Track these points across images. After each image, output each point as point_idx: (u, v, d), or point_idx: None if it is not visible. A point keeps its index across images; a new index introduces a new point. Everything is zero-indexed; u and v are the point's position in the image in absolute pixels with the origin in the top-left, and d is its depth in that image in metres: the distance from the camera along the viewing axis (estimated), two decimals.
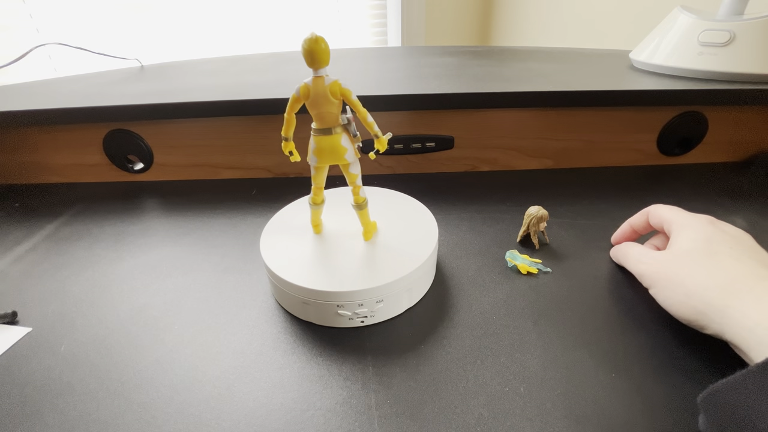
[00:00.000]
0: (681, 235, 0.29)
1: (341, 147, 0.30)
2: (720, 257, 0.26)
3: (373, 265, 0.31)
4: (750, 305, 0.23)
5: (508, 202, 0.47)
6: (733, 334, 0.23)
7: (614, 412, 0.24)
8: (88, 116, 0.50)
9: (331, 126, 0.29)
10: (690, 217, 0.30)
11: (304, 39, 0.26)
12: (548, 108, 0.52)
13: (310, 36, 0.26)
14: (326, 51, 0.26)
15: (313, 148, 0.30)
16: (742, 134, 0.54)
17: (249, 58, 0.77)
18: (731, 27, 0.48)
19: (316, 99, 0.28)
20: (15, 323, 0.32)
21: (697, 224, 0.29)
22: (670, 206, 0.33)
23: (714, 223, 0.29)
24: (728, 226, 0.29)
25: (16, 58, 0.61)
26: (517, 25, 1.52)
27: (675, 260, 0.28)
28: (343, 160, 0.30)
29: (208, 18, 1.45)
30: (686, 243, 0.28)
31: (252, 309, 0.33)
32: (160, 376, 0.27)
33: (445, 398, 0.25)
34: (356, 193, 0.32)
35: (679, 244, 0.28)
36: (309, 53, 0.26)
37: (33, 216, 0.48)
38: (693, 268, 0.26)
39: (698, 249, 0.27)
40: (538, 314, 0.32)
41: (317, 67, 0.27)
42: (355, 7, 1.63)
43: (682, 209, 0.32)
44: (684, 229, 0.29)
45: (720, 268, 0.26)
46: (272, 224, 0.36)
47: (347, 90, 0.28)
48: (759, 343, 0.21)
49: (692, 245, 0.28)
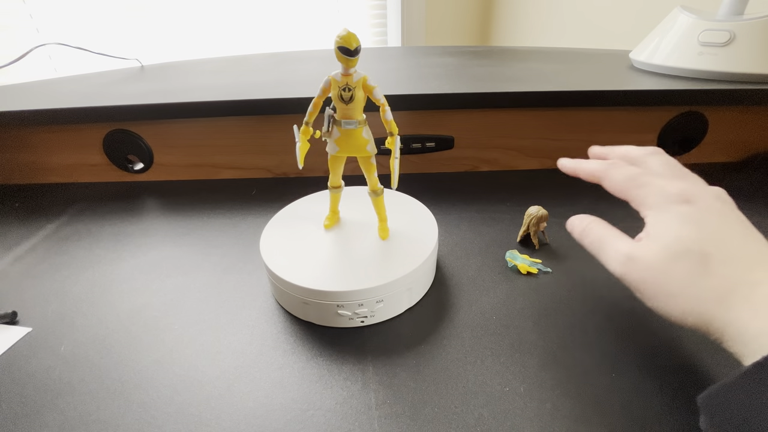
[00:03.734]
0: (660, 225, 0.25)
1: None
2: (711, 261, 0.23)
3: (373, 265, 0.31)
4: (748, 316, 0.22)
5: (508, 202, 0.47)
6: (732, 346, 0.22)
7: (614, 412, 0.24)
8: (88, 116, 0.50)
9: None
10: (660, 196, 0.26)
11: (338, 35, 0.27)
12: (548, 108, 0.52)
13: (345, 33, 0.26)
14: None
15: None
16: (742, 134, 0.54)
17: (249, 59, 0.77)
18: (731, 27, 0.48)
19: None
20: (15, 323, 0.32)
21: (674, 208, 0.25)
22: (623, 173, 0.28)
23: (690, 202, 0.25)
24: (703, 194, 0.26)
25: (16, 58, 0.61)
26: (517, 25, 1.52)
27: (662, 266, 0.24)
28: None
29: (209, 18, 1.45)
30: (671, 241, 0.24)
31: (252, 309, 0.33)
32: (160, 376, 0.27)
33: (445, 398, 0.25)
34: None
35: (662, 240, 0.25)
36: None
37: (33, 216, 0.48)
38: (684, 277, 0.24)
39: (686, 251, 0.24)
40: (538, 314, 0.32)
41: None
42: (355, 7, 1.63)
43: (639, 173, 0.27)
44: (660, 218, 0.25)
45: (713, 274, 0.23)
46: (272, 224, 0.36)
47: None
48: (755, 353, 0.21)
49: (678, 246, 0.24)
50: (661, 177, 0.27)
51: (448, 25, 1.72)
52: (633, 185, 0.27)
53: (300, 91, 0.51)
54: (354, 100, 0.29)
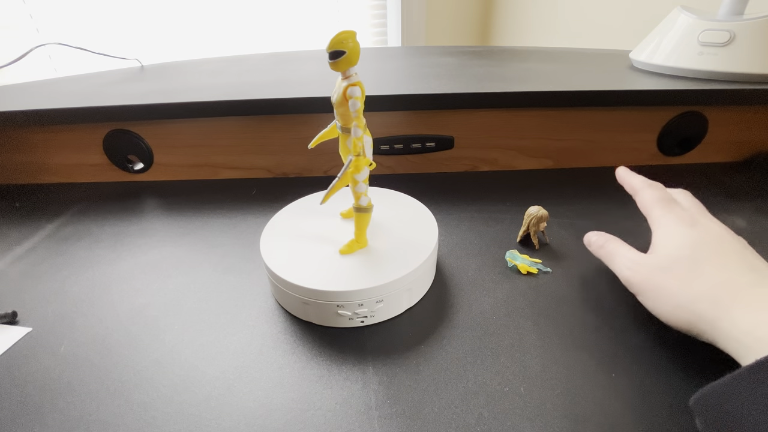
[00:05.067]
0: (665, 239, 0.29)
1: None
2: (706, 266, 0.26)
3: (373, 265, 0.31)
4: (739, 315, 0.23)
5: (508, 202, 0.47)
6: (724, 344, 0.24)
7: (614, 412, 0.24)
8: (88, 116, 0.50)
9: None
10: (672, 217, 0.30)
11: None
12: (548, 108, 0.52)
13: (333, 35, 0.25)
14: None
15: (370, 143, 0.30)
16: (742, 134, 0.54)
17: (249, 59, 0.77)
18: (731, 27, 0.48)
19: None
20: (15, 323, 0.32)
21: (680, 228, 0.29)
22: (654, 194, 0.32)
23: (695, 225, 0.29)
24: (709, 223, 0.29)
25: (16, 58, 0.61)
26: (517, 25, 1.52)
27: (662, 269, 0.28)
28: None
29: (209, 18, 1.45)
30: (672, 250, 0.28)
31: (252, 309, 0.33)
32: (160, 376, 0.27)
33: (445, 398, 0.25)
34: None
35: (665, 250, 0.28)
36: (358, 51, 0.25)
37: (33, 216, 0.48)
38: (681, 278, 0.26)
39: (684, 257, 0.27)
40: (538, 314, 0.32)
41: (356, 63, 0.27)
42: (355, 7, 1.63)
43: (665, 198, 0.31)
44: (667, 232, 0.29)
45: (708, 277, 0.25)
46: (272, 224, 0.36)
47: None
48: (748, 351, 0.22)
49: (678, 252, 0.27)
50: (683, 208, 0.31)
51: (448, 25, 1.72)
52: (658, 206, 0.31)
53: (300, 91, 0.51)
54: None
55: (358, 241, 0.33)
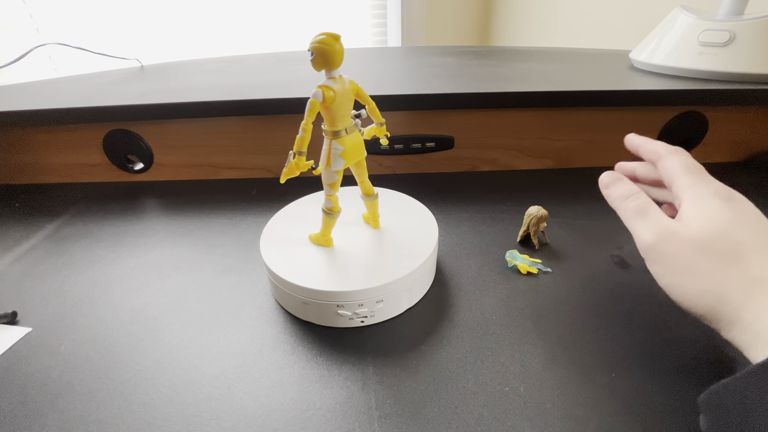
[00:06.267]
0: (698, 211, 0.25)
1: (362, 141, 0.31)
2: (747, 251, 0.23)
3: (373, 265, 0.31)
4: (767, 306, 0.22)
5: (508, 202, 0.47)
6: (740, 335, 0.22)
7: (614, 412, 0.24)
8: (88, 116, 0.50)
9: (348, 125, 0.30)
10: (706, 187, 0.26)
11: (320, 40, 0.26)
12: (548, 108, 0.52)
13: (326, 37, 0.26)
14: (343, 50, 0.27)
15: (340, 151, 0.29)
16: (742, 134, 0.54)
17: (249, 58, 0.77)
18: (731, 27, 0.48)
19: (343, 100, 0.28)
20: (15, 323, 0.32)
21: (716, 201, 0.25)
22: (683, 160, 0.28)
23: (732, 199, 0.25)
24: (745, 199, 0.26)
25: (16, 58, 0.61)
26: (517, 25, 1.52)
27: (697, 246, 0.24)
28: (363, 153, 0.31)
29: (209, 18, 1.45)
30: (708, 224, 0.24)
31: (252, 309, 0.33)
32: (160, 376, 0.27)
33: (445, 398, 0.25)
34: (369, 185, 0.34)
35: (700, 223, 0.25)
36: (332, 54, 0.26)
37: (33, 216, 0.48)
38: (718, 260, 0.23)
39: (723, 235, 0.24)
40: (538, 314, 0.32)
41: (336, 67, 0.27)
42: (355, 7, 1.63)
43: (696, 165, 0.28)
44: (701, 204, 0.25)
45: (749, 265, 0.23)
46: (272, 224, 0.36)
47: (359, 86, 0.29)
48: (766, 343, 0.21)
49: (715, 228, 0.24)
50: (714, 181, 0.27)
51: (448, 25, 1.72)
52: (687, 173, 0.27)
53: (300, 91, 0.51)
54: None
55: (323, 237, 0.33)
